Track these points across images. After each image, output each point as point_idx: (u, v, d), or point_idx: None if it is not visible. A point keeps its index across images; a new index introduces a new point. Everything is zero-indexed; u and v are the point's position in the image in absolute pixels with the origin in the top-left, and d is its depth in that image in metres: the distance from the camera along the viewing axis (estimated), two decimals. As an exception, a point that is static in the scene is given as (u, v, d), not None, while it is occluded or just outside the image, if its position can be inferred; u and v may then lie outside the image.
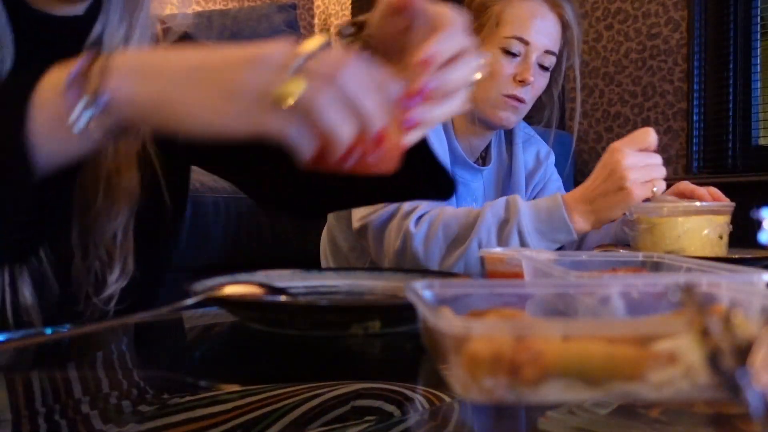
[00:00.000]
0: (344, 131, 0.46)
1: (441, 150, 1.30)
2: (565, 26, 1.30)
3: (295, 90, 0.44)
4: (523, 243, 1.05)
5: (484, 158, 1.44)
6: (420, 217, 1.11)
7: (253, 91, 0.46)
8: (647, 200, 1.05)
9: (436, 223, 1.10)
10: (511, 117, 1.30)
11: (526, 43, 1.26)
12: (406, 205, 1.13)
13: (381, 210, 1.15)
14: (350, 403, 0.41)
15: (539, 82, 1.30)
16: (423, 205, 1.13)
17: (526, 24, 1.26)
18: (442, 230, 1.09)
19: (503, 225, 1.07)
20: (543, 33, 1.27)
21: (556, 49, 1.30)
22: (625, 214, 1.09)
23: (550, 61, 1.30)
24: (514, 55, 1.27)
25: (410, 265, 1.09)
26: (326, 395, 0.42)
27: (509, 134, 1.46)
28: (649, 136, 1.05)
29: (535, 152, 1.47)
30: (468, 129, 1.36)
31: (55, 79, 0.50)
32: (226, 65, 0.47)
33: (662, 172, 1.05)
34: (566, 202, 1.07)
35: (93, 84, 0.47)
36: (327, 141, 0.46)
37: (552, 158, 1.49)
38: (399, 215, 1.13)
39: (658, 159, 1.05)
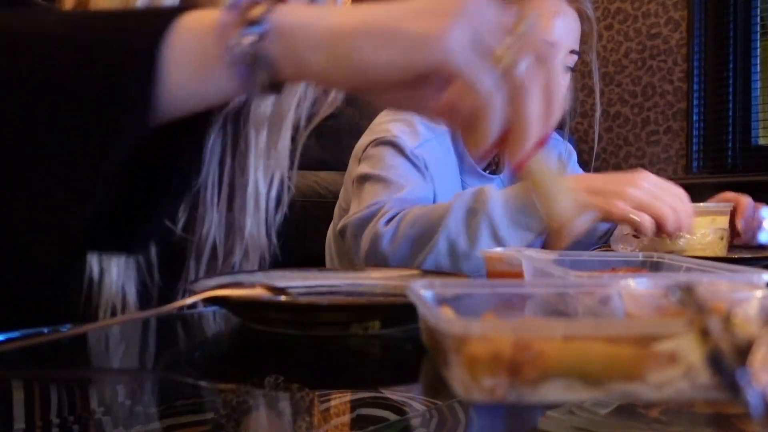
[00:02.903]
0: (537, 116, 0.39)
1: (448, 159, 1.25)
2: (582, 19, 1.26)
3: (514, 51, 0.38)
4: (493, 233, 0.97)
5: (497, 164, 1.35)
6: (392, 218, 1.04)
7: (451, 22, 0.37)
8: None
9: (405, 222, 1.02)
10: None
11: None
12: (386, 207, 1.07)
13: (363, 211, 1.09)
14: (356, 411, 0.41)
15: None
16: (396, 206, 1.07)
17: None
18: (410, 228, 1.01)
19: (471, 215, 0.99)
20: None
21: (578, 47, 1.25)
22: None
23: (573, 60, 1.25)
24: None
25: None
26: (331, 402, 0.42)
27: None
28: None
29: (555, 153, 1.39)
30: None
31: (203, 12, 0.41)
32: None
33: (649, 228, 0.94)
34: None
35: (257, 9, 0.39)
36: (515, 117, 0.39)
37: (574, 156, 1.42)
38: (377, 217, 1.06)
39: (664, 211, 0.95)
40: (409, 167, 1.16)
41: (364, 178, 1.17)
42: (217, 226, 0.82)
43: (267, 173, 0.84)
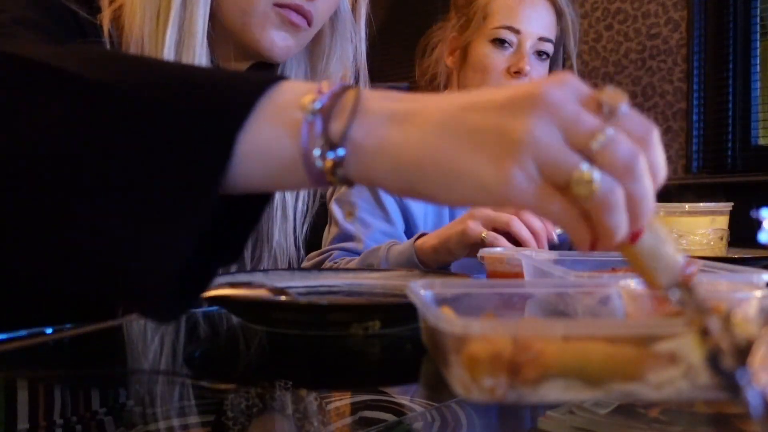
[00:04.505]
0: (623, 232, 0.36)
1: None
2: (559, 14, 1.26)
3: (593, 179, 0.34)
4: None
5: None
6: None
7: (536, 160, 0.35)
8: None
9: None
10: None
11: (516, 31, 1.22)
12: (328, 261, 1.13)
13: (314, 260, 1.15)
14: (356, 411, 0.41)
15: (537, 71, 1.23)
16: (337, 257, 1.13)
17: (515, 12, 1.23)
18: None
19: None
20: (534, 20, 1.23)
21: (552, 36, 1.25)
22: None
23: (548, 47, 1.25)
24: (505, 46, 1.22)
25: None
26: (332, 403, 0.42)
27: None
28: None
29: None
30: None
31: (293, 97, 0.39)
32: (496, 121, 0.36)
33: (505, 220, 0.96)
34: (418, 248, 1.03)
35: (338, 123, 0.37)
36: (597, 233, 0.36)
37: None
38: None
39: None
40: (369, 206, 1.20)
41: (330, 218, 1.22)
42: None
43: None
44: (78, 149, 0.38)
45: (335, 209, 1.21)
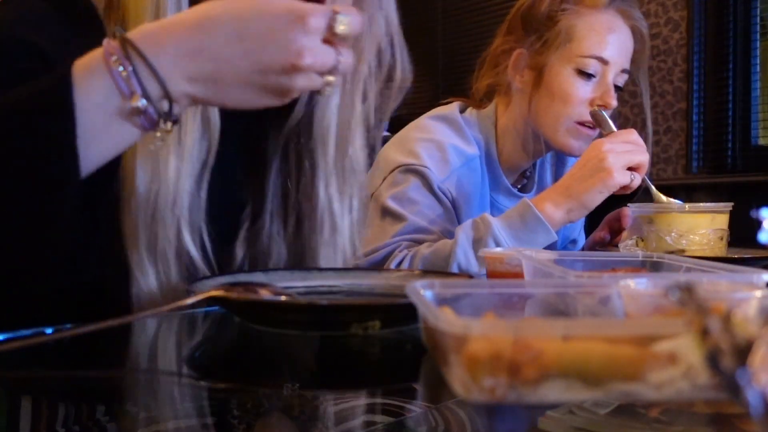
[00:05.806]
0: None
1: (478, 179, 1.22)
2: (636, 38, 1.19)
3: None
4: None
5: (528, 178, 1.33)
6: (401, 260, 1.08)
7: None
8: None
9: (416, 260, 1.07)
10: (584, 146, 1.14)
11: (605, 62, 1.15)
12: (397, 250, 1.10)
13: (376, 254, 1.11)
14: (356, 411, 0.41)
15: (614, 103, 1.17)
16: (405, 246, 1.11)
17: (603, 40, 1.15)
18: (422, 265, 1.06)
19: (478, 243, 1.04)
20: (619, 49, 1.16)
21: (629, 66, 1.19)
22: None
23: (623, 79, 1.19)
24: (589, 76, 1.15)
25: None
26: (332, 402, 0.42)
27: (559, 155, 1.33)
28: (632, 133, 1.07)
29: None
30: (515, 155, 1.25)
31: (113, 102, 0.54)
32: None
33: (644, 157, 1.04)
34: (535, 202, 1.04)
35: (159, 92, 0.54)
36: None
37: None
38: (389, 261, 1.10)
39: (639, 145, 1.05)
40: (432, 203, 1.17)
41: (386, 212, 1.17)
42: (284, 257, 0.80)
43: (342, 188, 0.80)
44: None
45: (394, 205, 1.15)
